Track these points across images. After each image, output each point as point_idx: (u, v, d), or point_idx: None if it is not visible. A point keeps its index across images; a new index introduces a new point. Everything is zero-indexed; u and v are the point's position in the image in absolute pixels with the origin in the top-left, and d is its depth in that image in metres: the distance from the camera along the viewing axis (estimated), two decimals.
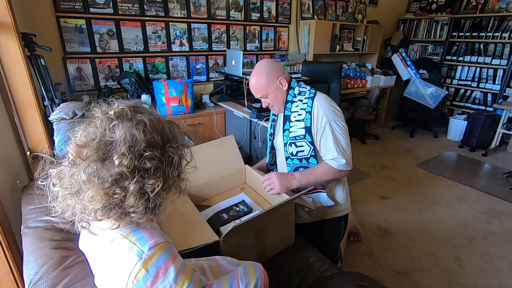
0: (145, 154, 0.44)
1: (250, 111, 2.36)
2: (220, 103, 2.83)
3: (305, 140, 1.25)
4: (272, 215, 1.11)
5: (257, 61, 3.41)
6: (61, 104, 1.55)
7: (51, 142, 1.36)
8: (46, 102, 1.77)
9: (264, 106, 1.33)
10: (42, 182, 0.50)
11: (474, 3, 4.18)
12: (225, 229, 1.13)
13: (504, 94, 3.86)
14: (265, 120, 2.15)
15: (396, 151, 3.78)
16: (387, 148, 3.88)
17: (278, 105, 1.31)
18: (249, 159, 2.26)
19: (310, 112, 1.23)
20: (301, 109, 1.26)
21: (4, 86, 1.14)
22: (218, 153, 1.44)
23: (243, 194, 1.40)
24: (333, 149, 1.21)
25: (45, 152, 1.32)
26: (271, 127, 1.47)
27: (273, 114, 1.47)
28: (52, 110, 1.59)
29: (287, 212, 1.19)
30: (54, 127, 1.37)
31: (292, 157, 1.30)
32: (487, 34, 4.01)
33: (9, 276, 0.73)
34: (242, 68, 2.42)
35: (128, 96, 2.51)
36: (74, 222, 0.49)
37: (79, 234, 0.53)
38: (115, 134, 0.44)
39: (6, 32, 1.14)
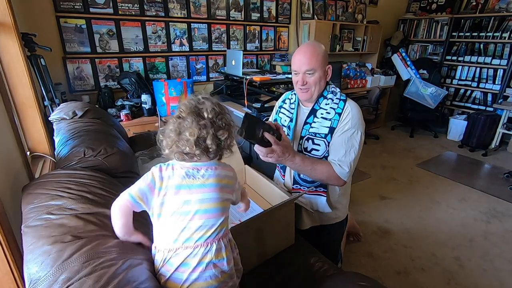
0: (219, 116, 0.74)
1: (250, 111, 2.37)
2: (220, 103, 2.83)
3: (324, 139, 1.21)
4: (272, 216, 1.11)
5: (257, 61, 3.41)
6: (61, 104, 1.55)
7: (51, 142, 1.36)
8: (46, 102, 1.77)
9: (300, 83, 1.19)
10: (161, 128, 0.78)
11: (474, 3, 4.19)
12: None
13: (504, 94, 3.86)
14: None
15: (396, 151, 3.78)
16: (387, 148, 3.88)
17: (316, 89, 1.20)
18: (249, 159, 2.26)
19: (340, 114, 1.19)
20: (331, 108, 1.21)
21: (4, 86, 1.14)
22: None
23: None
24: (342, 154, 1.18)
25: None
26: (292, 121, 1.32)
27: (290, 105, 1.34)
28: (52, 110, 1.59)
29: (287, 212, 1.19)
30: (54, 127, 1.37)
31: (304, 152, 1.25)
32: (487, 34, 4.01)
33: (9, 276, 0.73)
34: (242, 68, 2.42)
35: (128, 96, 2.52)
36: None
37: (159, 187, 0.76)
38: (202, 105, 0.74)
39: (6, 32, 1.13)
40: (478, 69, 4.18)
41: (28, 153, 1.26)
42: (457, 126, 4.11)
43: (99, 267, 0.61)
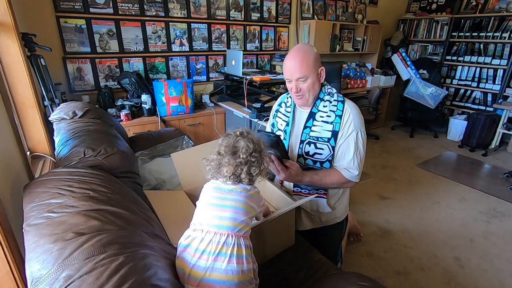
0: (252, 154, 0.85)
1: (250, 111, 2.37)
2: (220, 103, 2.83)
3: (328, 143, 1.19)
4: (274, 218, 1.11)
5: (257, 61, 3.41)
6: (61, 104, 1.55)
7: (51, 142, 1.36)
8: (46, 102, 1.77)
9: (294, 90, 1.18)
10: (205, 163, 0.90)
11: (474, 3, 4.19)
12: None
13: (504, 94, 3.86)
14: (265, 120, 2.15)
15: (396, 151, 3.78)
16: (387, 148, 3.88)
17: (310, 94, 1.19)
18: None
19: (340, 116, 1.18)
20: (330, 110, 1.20)
21: (4, 86, 1.14)
22: None
23: None
24: (350, 159, 1.18)
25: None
26: (288, 125, 1.30)
27: (286, 109, 1.34)
28: (52, 110, 1.59)
29: (288, 214, 1.19)
30: (54, 127, 1.37)
31: (306, 156, 1.24)
32: (487, 34, 4.01)
33: (9, 276, 0.73)
34: (242, 68, 2.42)
35: (128, 96, 2.52)
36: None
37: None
38: (238, 144, 0.85)
39: (6, 32, 1.13)
40: (478, 69, 4.18)
41: (28, 153, 1.25)
42: (457, 126, 4.11)
43: (99, 263, 0.61)
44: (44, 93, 1.77)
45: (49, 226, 0.68)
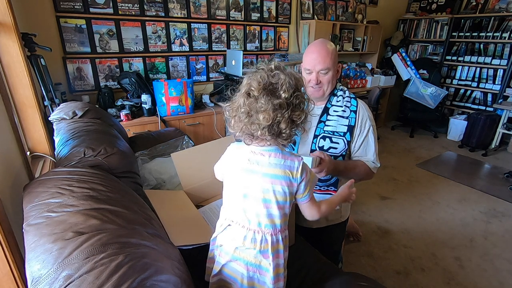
0: (295, 93, 0.67)
1: None
2: (220, 103, 2.83)
3: (343, 138, 1.23)
4: None
5: (257, 61, 3.41)
6: (61, 104, 1.56)
7: (51, 142, 1.36)
8: (46, 102, 1.77)
9: (314, 82, 1.19)
10: (226, 105, 0.72)
11: (474, 3, 4.19)
12: None
13: (504, 94, 3.86)
14: None
15: (396, 151, 3.78)
16: (387, 148, 3.88)
17: (328, 88, 1.22)
18: None
19: (355, 112, 1.23)
20: (345, 106, 1.24)
21: (4, 86, 1.14)
22: (218, 154, 1.44)
23: None
24: (373, 153, 1.25)
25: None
26: None
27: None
28: (52, 110, 1.59)
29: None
30: (54, 127, 1.37)
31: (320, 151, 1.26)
32: (487, 34, 4.01)
33: (9, 276, 0.73)
34: (242, 68, 2.42)
35: (128, 96, 2.52)
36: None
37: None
38: (276, 79, 0.66)
39: (6, 32, 1.13)
40: (478, 69, 4.18)
41: (28, 153, 1.26)
42: (457, 126, 4.11)
43: (99, 263, 0.61)
44: (44, 93, 1.77)
45: (48, 226, 0.68)
